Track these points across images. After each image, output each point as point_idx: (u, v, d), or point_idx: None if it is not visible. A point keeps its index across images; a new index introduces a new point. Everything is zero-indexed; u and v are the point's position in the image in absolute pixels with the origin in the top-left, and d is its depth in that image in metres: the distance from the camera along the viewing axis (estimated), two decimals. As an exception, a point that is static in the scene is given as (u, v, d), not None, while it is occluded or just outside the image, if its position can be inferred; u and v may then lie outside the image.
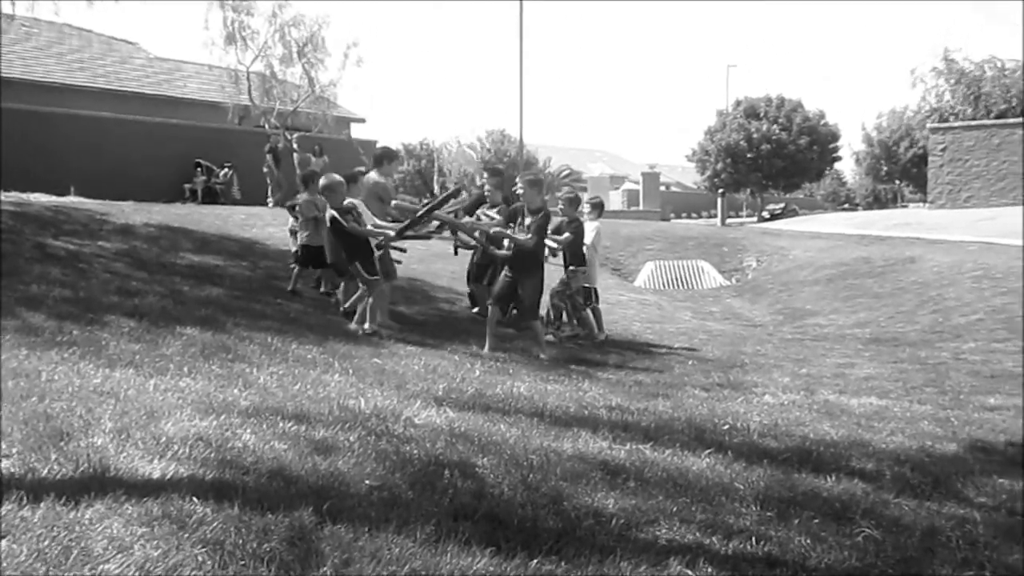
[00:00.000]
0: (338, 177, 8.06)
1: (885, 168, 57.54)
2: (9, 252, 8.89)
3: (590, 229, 9.64)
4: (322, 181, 8.10)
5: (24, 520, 2.76)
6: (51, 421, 3.79)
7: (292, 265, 9.83)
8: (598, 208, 10.18)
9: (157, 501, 2.97)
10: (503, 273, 8.07)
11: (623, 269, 22.79)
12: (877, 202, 65.06)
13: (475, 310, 9.85)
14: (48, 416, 3.86)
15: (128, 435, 3.71)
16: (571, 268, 9.19)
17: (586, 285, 9.55)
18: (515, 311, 8.64)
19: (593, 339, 9.34)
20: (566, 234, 8.83)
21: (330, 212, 7.90)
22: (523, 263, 7.89)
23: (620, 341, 10.16)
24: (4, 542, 2.62)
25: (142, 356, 5.63)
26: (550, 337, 8.90)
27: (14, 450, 3.42)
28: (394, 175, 9.59)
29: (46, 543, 2.62)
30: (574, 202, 9.16)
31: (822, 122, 50.97)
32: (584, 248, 9.29)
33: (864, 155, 59.31)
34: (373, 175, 8.86)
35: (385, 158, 9.14)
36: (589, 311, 9.60)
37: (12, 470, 3.20)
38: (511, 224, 8.11)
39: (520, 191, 8.11)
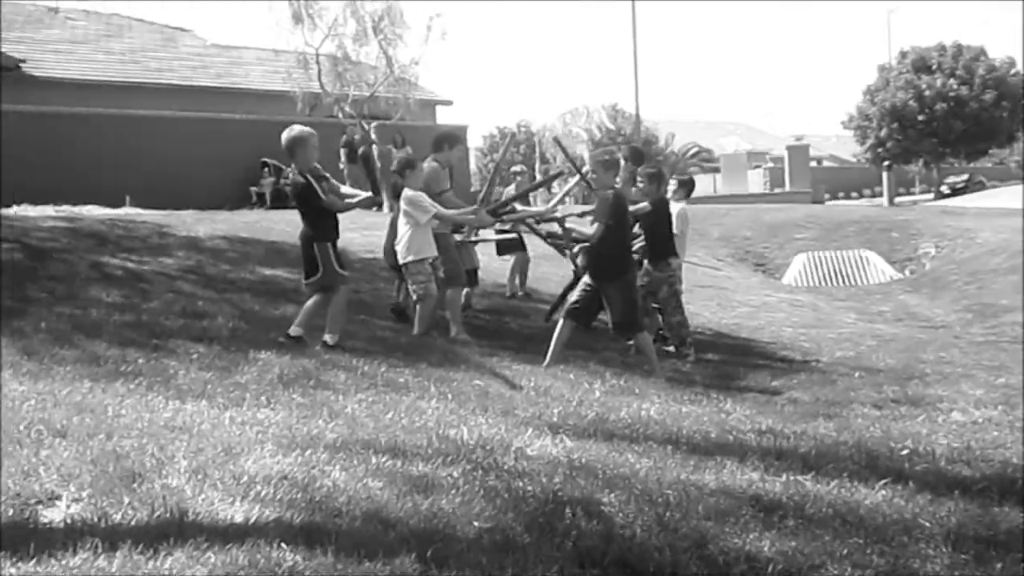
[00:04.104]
0: (305, 130, 7.76)
1: (1100, 124, 54.71)
2: (64, 273, 9.44)
3: (673, 212, 9.45)
4: (286, 134, 7.73)
5: (101, 571, 2.94)
6: (121, 461, 4.02)
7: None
8: (686, 187, 9.90)
9: (242, 548, 3.12)
10: (583, 280, 7.98)
11: (768, 264, 22.43)
12: (1089, 167, 61.89)
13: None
14: (118, 455, 4.09)
15: (205, 475, 3.90)
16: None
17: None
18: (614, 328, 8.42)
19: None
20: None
21: (295, 176, 7.59)
22: (598, 263, 7.79)
23: (768, 351, 10.01)
24: (81, 595, 2.80)
25: (214, 385, 5.89)
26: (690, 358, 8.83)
27: (84, 493, 3.64)
28: (455, 162, 9.58)
29: (125, 596, 2.79)
30: (655, 178, 8.95)
31: (1012, 72, 48.91)
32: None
33: (1070, 109, 56.55)
34: (428, 161, 8.94)
35: (445, 141, 9.14)
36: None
37: (84, 515, 3.41)
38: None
39: (592, 176, 7.97)
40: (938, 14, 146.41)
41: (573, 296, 8.03)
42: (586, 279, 7.92)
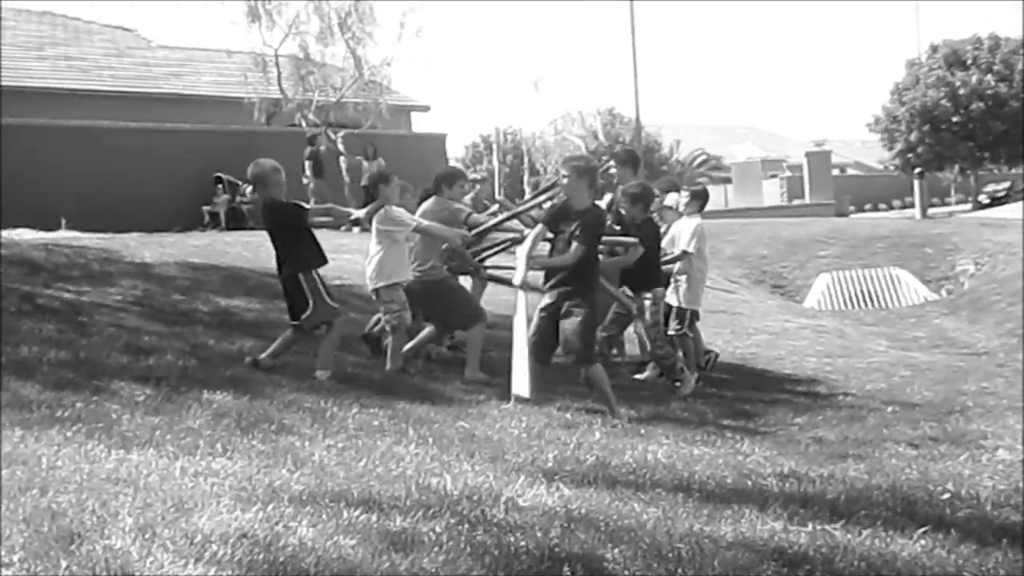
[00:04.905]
0: (270, 162, 8.00)
1: None
2: (-8, 306, 9.39)
3: (688, 229, 9.45)
4: (252, 168, 8.03)
5: (34, 646, 2.91)
6: (58, 519, 3.99)
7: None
8: (700, 199, 9.80)
9: (196, 618, 3.10)
10: (541, 306, 7.81)
11: (787, 285, 22.51)
12: None
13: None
14: (54, 513, 4.06)
15: (154, 533, 3.87)
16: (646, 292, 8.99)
17: (684, 306, 9.40)
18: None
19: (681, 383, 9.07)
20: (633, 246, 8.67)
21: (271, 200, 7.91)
22: (567, 286, 7.62)
23: (789, 384, 10.02)
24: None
25: (163, 432, 5.86)
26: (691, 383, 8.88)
27: (15, 557, 3.60)
28: (462, 200, 9.58)
29: (63, 675, 2.77)
30: (639, 198, 8.90)
31: (1056, 66, 49.30)
32: (668, 255, 9.16)
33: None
34: (431, 204, 8.92)
35: (443, 182, 9.07)
36: (678, 340, 9.49)
37: (15, 583, 3.39)
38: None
39: (564, 181, 7.80)
40: (970, 6, 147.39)
41: (530, 329, 7.79)
42: (543, 301, 7.74)
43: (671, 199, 9.66)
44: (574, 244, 7.49)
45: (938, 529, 4.39)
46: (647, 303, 8.95)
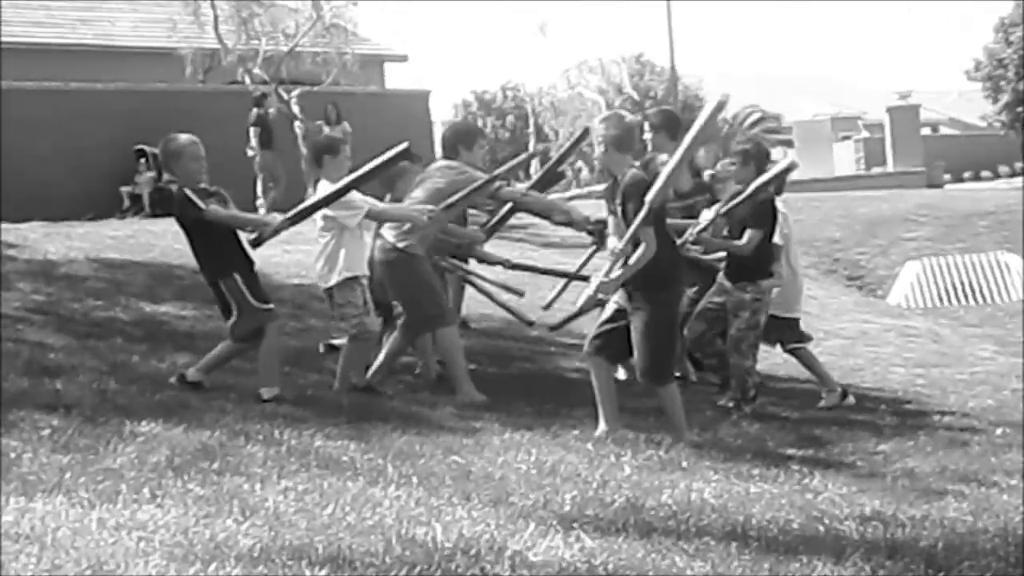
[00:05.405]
0: (188, 137, 8.19)
1: None
2: None
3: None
4: (162, 145, 8.32)
5: None
6: (-57, 587, 3.99)
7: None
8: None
9: None
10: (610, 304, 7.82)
11: (866, 276, 22.48)
12: None
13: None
14: (-62, 579, 4.06)
15: (65, 603, 3.87)
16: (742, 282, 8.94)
17: (777, 315, 9.29)
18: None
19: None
20: (749, 233, 8.68)
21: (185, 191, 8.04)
22: (634, 283, 7.53)
23: (871, 401, 9.99)
24: None
25: (75, 474, 5.84)
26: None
27: None
28: (479, 165, 9.55)
29: None
30: (752, 157, 8.94)
31: None
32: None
33: None
34: (446, 169, 8.93)
35: (460, 141, 9.10)
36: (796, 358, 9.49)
37: None
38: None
39: (600, 147, 7.69)
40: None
41: (600, 320, 7.85)
42: (618, 296, 7.69)
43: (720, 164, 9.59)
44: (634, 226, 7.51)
45: (1063, 583, 4.38)
46: (748, 297, 8.82)
